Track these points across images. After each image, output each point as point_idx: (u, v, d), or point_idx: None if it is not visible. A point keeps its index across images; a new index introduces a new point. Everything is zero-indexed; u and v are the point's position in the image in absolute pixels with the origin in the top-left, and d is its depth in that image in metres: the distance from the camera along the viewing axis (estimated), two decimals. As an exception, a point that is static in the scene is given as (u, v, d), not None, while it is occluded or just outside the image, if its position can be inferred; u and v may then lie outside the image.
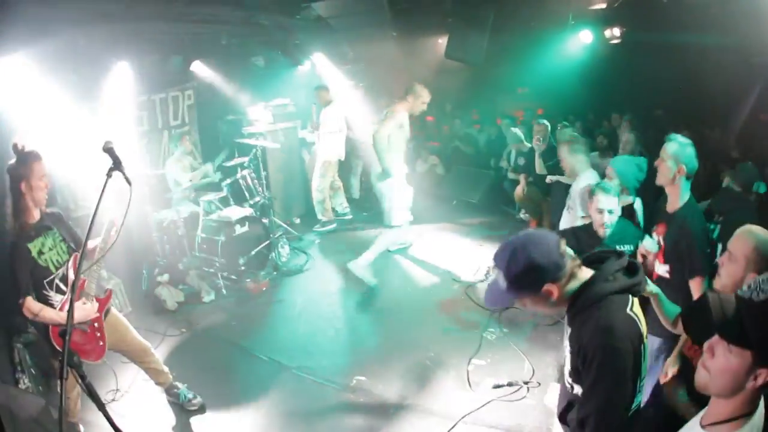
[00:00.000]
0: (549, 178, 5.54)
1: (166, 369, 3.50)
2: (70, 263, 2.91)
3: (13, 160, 2.72)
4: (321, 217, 7.03)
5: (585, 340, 1.62)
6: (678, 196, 2.73)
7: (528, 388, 3.48)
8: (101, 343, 2.97)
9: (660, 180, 2.79)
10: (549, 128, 6.10)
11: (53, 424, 2.34)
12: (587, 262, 1.74)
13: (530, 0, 5.75)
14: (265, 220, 5.93)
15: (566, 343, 1.80)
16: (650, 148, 5.22)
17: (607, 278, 1.65)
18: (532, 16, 5.86)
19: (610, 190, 3.16)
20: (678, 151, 2.68)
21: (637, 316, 1.65)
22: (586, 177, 4.06)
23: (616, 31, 5.93)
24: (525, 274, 1.62)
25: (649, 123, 6.51)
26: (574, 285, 1.66)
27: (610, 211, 3.14)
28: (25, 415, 2.20)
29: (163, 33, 5.53)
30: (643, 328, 1.66)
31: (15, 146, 2.73)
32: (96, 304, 2.94)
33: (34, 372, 3.45)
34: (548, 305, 1.69)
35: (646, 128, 6.24)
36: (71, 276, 2.87)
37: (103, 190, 2.16)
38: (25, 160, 2.71)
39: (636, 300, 1.70)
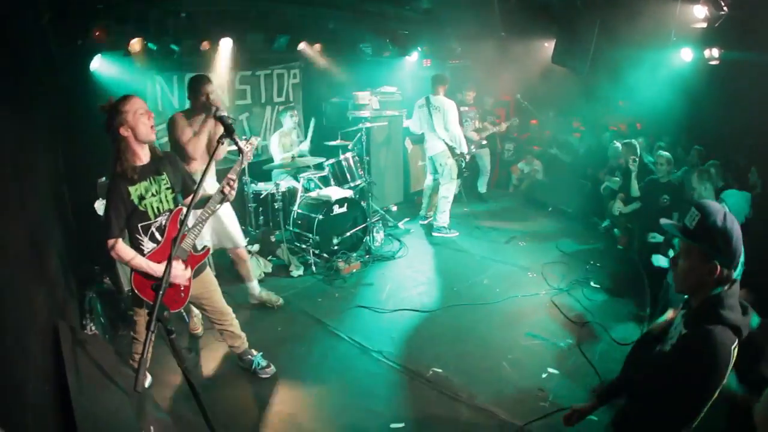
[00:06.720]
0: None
1: (242, 335, 3.45)
2: (171, 215, 2.82)
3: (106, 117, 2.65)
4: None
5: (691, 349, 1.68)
6: None
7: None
8: (182, 295, 2.95)
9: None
10: (639, 148, 5.93)
11: (114, 370, 2.34)
12: None
13: (636, 12, 5.72)
14: (363, 204, 5.89)
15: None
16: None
17: (733, 306, 1.68)
18: (636, 28, 5.77)
19: None
20: None
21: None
22: None
23: (715, 52, 5.77)
24: (718, 233, 1.66)
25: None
26: (719, 287, 1.70)
27: None
28: (87, 359, 2.20)
29: (270, 12, 5.62)
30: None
31: (102, 107, 2.64)
32: (188, 272, 2.90)
33: (102, 320, 3.58)
34: (699, 276, 1.71)
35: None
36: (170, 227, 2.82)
37: (212, 155, 2.23)
38: (116, 106, 2.63)
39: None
